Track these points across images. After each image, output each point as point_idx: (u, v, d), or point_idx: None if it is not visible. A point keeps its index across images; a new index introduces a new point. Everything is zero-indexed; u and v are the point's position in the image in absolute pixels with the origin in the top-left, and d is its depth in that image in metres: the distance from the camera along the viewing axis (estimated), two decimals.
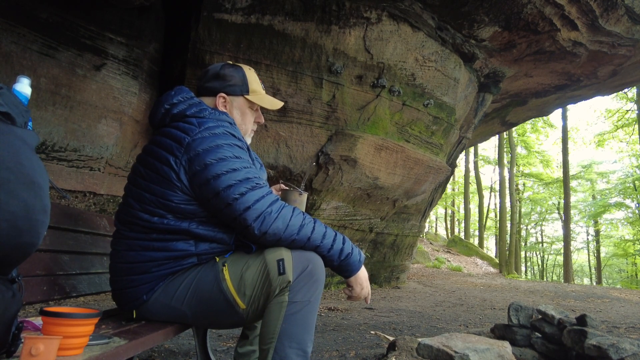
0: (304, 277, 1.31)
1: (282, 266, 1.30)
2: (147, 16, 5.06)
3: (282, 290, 1.30)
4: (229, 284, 1.34)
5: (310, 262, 1.33)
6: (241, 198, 1.29)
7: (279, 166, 5.51)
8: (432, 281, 10.40)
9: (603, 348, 1.97)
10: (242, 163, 1.34)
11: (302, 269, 1.31)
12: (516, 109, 10.22)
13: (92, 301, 4.20)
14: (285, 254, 1.33)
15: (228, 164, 1.31)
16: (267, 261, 1.32)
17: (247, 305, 1.35)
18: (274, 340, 1.28)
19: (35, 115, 4.07)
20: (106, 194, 4.79)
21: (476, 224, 26.72)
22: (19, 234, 0.83)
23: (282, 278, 1.30)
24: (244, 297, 1.34)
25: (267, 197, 1.32)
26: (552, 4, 5.90)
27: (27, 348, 0.77)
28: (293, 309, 1.29)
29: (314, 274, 1.33)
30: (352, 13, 5.36)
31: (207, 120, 1.39)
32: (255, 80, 1.59)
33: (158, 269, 1.37)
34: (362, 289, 1.43)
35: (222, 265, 1.36)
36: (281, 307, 1.29)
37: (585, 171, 25.85)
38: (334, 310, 4.86)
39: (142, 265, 1.37)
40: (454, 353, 1.92)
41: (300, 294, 1.30)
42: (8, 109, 0.88)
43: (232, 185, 1.29)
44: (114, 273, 1.43)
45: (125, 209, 1.41)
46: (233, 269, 1.35)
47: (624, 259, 25.65)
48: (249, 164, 1.38)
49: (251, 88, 1.56)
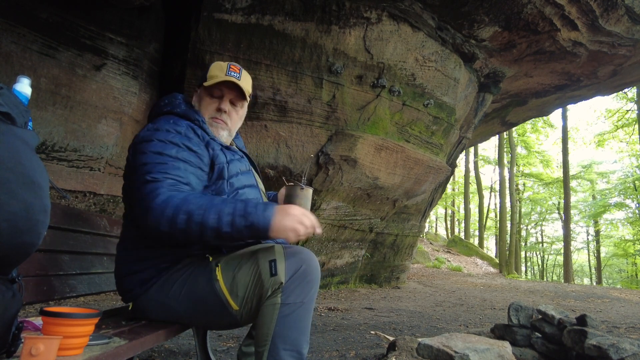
0: (297, 278, 1.29)
1: (274, 267, 1.29)
2: (147, 16, 5.06)
3: (275, 291, 1.28)
4: (221, 285, 1.33)
5: (303, 263, 1.31)
6: (137, 192, 1.29)
7: (279, 166, 5.51)
8: (432, 281, 10.40)
9: (603, 348, 1.97)
10: (160, 159, 1.32)
11: (295, 269, 1.29)
12: (516, 109, 10.22)
13: (92, 301, 4.20)
14: (278, 255, 1.31)
15: (146, 157, 1.32)
16: (259, 262, 1.31)
17: (240, 306, 1.34)
18: (267, 342, 1.27)
19: (36, 115, 4.07)
20: (106, 194, 4.79)
21: (476, 224, 26.72)
22: (19, 234, 0.83)
23: (274, 279, 1.28)
24: (237, 298, 1.33)
25: (157, 191, 1.24)
26: (552, 4, 5.90)
27: (27, 348, 0.77)
28: (286, 311, 1.27)
29: (308, 275, 1.30)
30: (352, 13, 5.36)
31: (162, 118, 1.46)
32: (218, 68, 1.55)
33: (150, 257, 1.40)
34: (294, 233, 1.23)
35: (215, 266, 1.36)
36: (274, 309, 1.28)
37: (585, 171, 25.86)
38: (334, 310, 4.86)
39: (135, 252, 1.41)
40: (454, 353, 1.92)
41: (294, 295, 1.28)
42: (8, 109, 0.88)
43: (140, 178, 1.30)
44: (115, 262, 1.49)
45: (123, 199, 1.51)
46: (226, 269, 1.35)
47: (624, 259, 25.65)
48: (170, 160, 1.32)
49: (209, 75, 1.55)
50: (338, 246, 6.80)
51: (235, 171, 1.51)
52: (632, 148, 21.60)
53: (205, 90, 1.56)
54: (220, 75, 1.53)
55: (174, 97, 1.54)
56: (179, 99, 1.55)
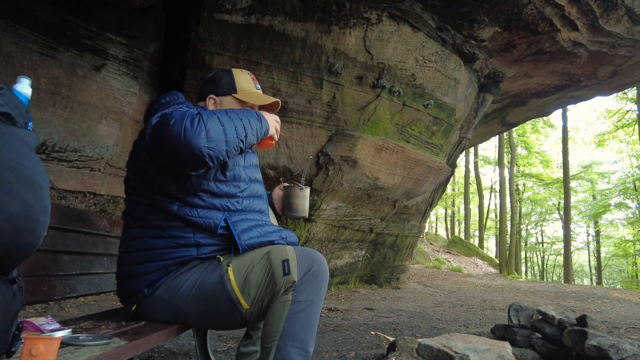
0: (309, 278, 1.33)
1: (287, 266, 1.33)
2: (148, 17, 5.06)
3: (287, 290, 1.32)
4: (233, 285, 1.35)
5: (315, 263, 1.35)
6: (170, 121, 1.28)
7: (279, 166, 5.51)
8: (432, 282, 10.40)
9: (603, 349, 1.97)
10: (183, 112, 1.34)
11: (307, 269, 1.34)
12: (516, 109, 10.22)
13: (92, 302, 4.20)
14: (290, 255, 1.35)
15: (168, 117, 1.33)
16: (272, 262, 1.34)
17: (251, 305, 1.36)
18: (276, 338, 1.30)
19: (36, 115, 4.07)
20: (106, 195, 4.79)
21: (476, 225, 26.70)
22: (20, 235, 0.83)
23: (287, 278, 1.32)
24: (248, 298, 1.35)
25: (183, 119, 1.27)
26: (552, 4, 5.91)
27: (27, 348, 0.77)
28: (296, 309, 1.30)
29: (319, 275, 1.35)
30: (352, 13, 5.37)
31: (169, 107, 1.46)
32: (245, 80, 1.60)
33: (159, 259, 1.39)
34: (275, 130, 1.55)
35: (226, 266, 1.38)
36: (284, 306, 1.31)
37: (586, 171, 25.85)
38: (334, 310, 4.86)
39: (144, 253, 1.40)
40: (454, 354, 1.92)
41: (304, 293, 1.32)
42: (8, 110, 0.89)
43: (167, 119, 1.30)
44: (118, 264, 1.47)
45: (126, 200, 1.49)
46: (238, 269, 1.37)
47: (624, 259, 25.65)
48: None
49: (239, 87, 1.57)
50: (338, 246, 6.80)
51: (250, 162, 1.56)
52: (632, 148, 21.59)
53: (236, 101, 1.57)
54: (249, 89, 1.59)
55: (175, 94, 1.53)
56: (180, 96, 1.54)
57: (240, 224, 1.43)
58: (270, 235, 1.46)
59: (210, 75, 1.63)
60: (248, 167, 1.54)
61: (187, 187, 1.38)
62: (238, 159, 1.49)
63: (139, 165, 1.42)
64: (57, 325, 1.14)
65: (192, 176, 1.36)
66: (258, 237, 1.43)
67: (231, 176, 1.45)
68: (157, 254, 1.39)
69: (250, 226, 1.45)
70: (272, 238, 1.46)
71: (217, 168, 1.41)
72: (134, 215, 1.44)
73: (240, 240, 1.40)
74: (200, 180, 1.38)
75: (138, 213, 1.43)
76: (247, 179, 1.51)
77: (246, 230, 1.43)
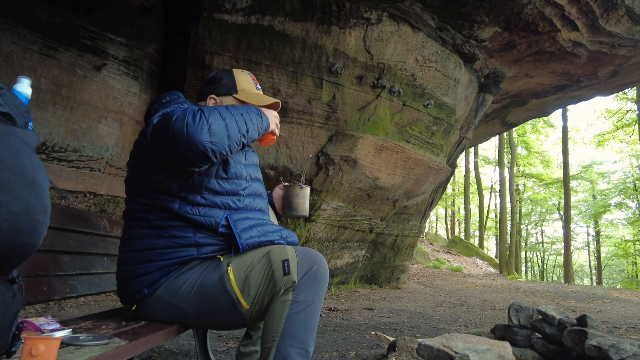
0: (309, 278, 1.33)
1: (287, 266, 1.33)
2: (148, 17, 5.06)
3: (287, 290, 1.32)
4: (233, 285, 1.35)
5: (315, 263, 1.36)
6: (167, 130, 1.28)
7: (279, 166, 5.51)
8: (433, 282, 10.40)
9: (603, 349, 1.97)
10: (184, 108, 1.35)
11: (307, 269, 1.34)
12: (516, 109, 10.22)
13: (92, 302, 4.20)
14: (291, 255, 1.35)
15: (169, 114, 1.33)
16: (272, 262, 1.35)
17: (251, 305, 1.36)
18: (276, 338, 1.30)
19: (36, 115, 4.07)
20: (106, 195, 4.79)
21: (476, 225, 26.70)
22: (20, 235, 0.83)
23: (287, 278, 1.32)
24: (248, 298, 1.36)
25: (184, 115, 1.27)
26: (552, 4, 5.90)
27: (27, 348, 0.77)
28: (296, 309, 1.31)
29: (319, 275, 1.35)
30: (352, 13, 5.37)
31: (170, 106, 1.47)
32: (245, 81, 1.60)
33: (159, 259, 1.39)
34: (275, 125, 1.56)
35: (226, 266, 1.38)
36: (284, 306, 1.31)
37: (586, 171, 25.84)
38: (334, 310, 4.86)
39: (144, 253, 1.40)
40: (454, 354, 1.92)
41: (304, 293, 1.32)
42: (8, 110, 0.89)
43: (169, 117, 1.30)
44: (119, 264, 1.47)
45: (127, 200, 1.49)
46: (238, 269, 1.37)
47: (625, 259, 25.65)
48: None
49: (239, 87, 1.58)
50: (338, 246, 6.80)
51: (250, 161, 1.57)
52: (632, 148, 21.59)
53: (236, 101, 1.57)
54: (249, 89, 1.59)
55: (175, 94, 1.53)
56: (180, 95, 1.55)
57: (240, 223, 1.43)
58: (271, 235, 1.46)
59: (210, 75, 1.63)
60: (249, 166, 1.55)
61: (189, 184, 1.38)
62: (239, 156, 1.50)
63: (140, 165, 1.42)
64: (57, 325, 1.14)
65: (195, 173, 1.36)
66: (258, 236, 1.44)
67: (232, 174, 1.45)
68: (157, 254, 1.39)
69: (251, 225, 1.45)
70: (273, 238, 1.46)
71: (218, 165, 1.41)
72: (135, 215, 1.44)
73: (241, 239, 1.40)
74: (202, 178, 1.39)
75: (138, 213, 1.43)
76: (248, 177, 1.52)
77: (247, 229, 1.43)
